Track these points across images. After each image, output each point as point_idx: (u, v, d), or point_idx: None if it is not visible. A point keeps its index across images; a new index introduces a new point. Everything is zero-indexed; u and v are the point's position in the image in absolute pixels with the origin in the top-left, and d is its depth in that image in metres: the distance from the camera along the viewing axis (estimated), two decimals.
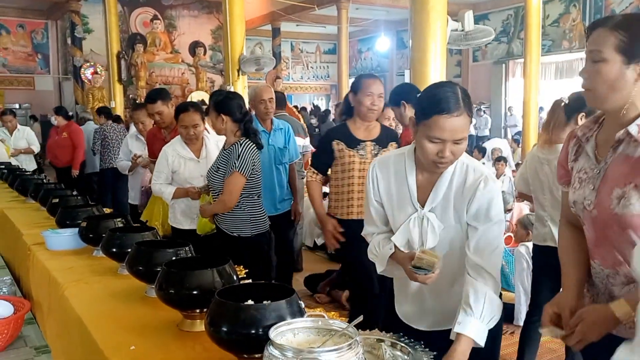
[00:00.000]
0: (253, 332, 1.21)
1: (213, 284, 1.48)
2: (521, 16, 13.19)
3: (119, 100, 11.14)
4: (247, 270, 1.92)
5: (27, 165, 6.65)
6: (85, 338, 1.54)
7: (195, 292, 1.48)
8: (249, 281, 1.68)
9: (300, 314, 1.28)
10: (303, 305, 1.32)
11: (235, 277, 1.57)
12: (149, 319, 1.60)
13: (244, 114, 3.00)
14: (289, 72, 20.25)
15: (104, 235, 2.13)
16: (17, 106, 14.88)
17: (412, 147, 1.74)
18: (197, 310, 1.52)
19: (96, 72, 12.49)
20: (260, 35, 17.57)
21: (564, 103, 2.82)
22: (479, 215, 1.65)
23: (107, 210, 3.06)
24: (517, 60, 14.38)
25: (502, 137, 12.88)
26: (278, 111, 5.40)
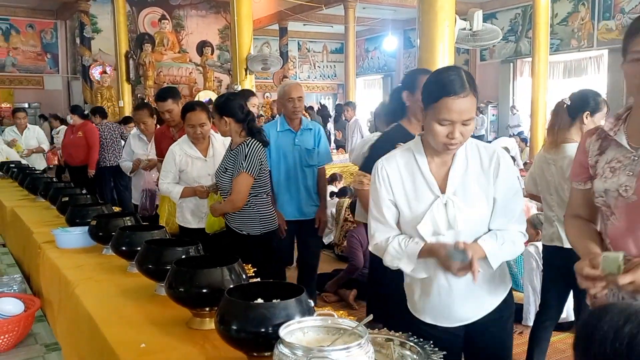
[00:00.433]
0: (263, 330, 1.22)
1: (222, 283, 1.49)
2: (529, 15, 13.12)
3: (127, 99, 11.20)
4: (256, 268, 1.93)
5: (37, 164, 6.69)
6: (95, 335, 1.55)
7: (204, 291, 1.48)
8: (258, 280, 1.69)
9: (310, 312, 1.29)
10: (312, 304, 1.32)
11: (244, 276, 1.58)
12: (159, 317, 1.61)
13: (246, 113, 3.02)
14: (296, 72, 20.25)
15: (113, 233, 2.15)
16: (26, 105, 14.97)
17: (418, 139, 1.81)
18: (207, 309, 1.53)
19: (104, 72, 12.55)
20: (268, 35, 17.59)
21: (566, 104, 2.82)
22: (505, 187, 1.75)
23: (116, 208, 3.07)
24: (525, 59, 14.31)
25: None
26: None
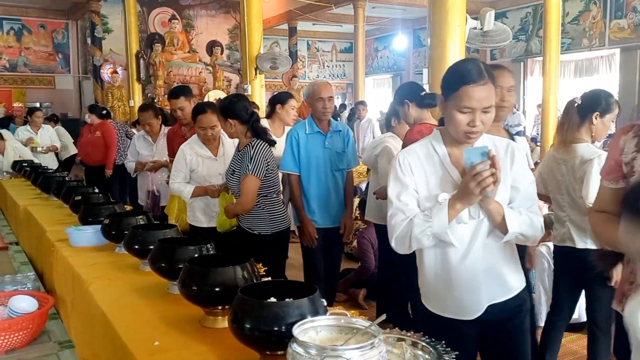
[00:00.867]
0: (276, 329, 1.22)
1: (235, 281, 1.49)
2: (540, 14, 13.05)
3: (137, 99, 11.25)
4: (267, 267, 1.94)
5: (50, 163, 6.73)
6: (109, 333, 1.56)
7: (217, 289, 1.49)
8: (269, 279, 1.69)
9: (323, 312, 1.29)
10: (325, 303, 1.32)
11: (256, 275, 1.58)
12: (172, 315, 1.62)
13: (251, 114, 3.04)
14: (305, 71, 20.26)
15: (126, 232, 2.16)
16: (37, 105, 15.10)
17: (437, 132, 1.86)
18: (219, 307, 1.54)
19: (115, 72, 12.63)
20: (277, 34, 17.63)
21: (576, 104, 2.80)
22: (522, 176, 1.83)
23: (128, 207, 3.10)
24: (535, 58, 14.22)
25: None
26: None
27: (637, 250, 1.19)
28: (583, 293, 2.95)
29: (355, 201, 5.48)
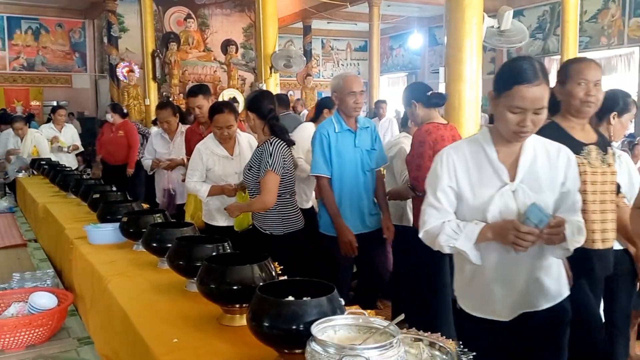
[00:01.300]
0: (294, 327, 1.22)
1: (253, 280, 1.50)
2: (557, 12, 12.91)
3: (153, 97, 11.32)
4: (282, 266, 1.94)
5: (70, 163, 6.77)
6: (129, 330, 1.58)
7: (235, 287, 1.50)
8: (285, 277, 1.70)
9: (341, 311, 1.29)
10: (343, 302, 1.32)
11: (274, 273, 1.59)
12: (190, 313, 1.63)
13: (269, 111, 3.07)
14: (320, 70, 20.27)
15: (143, 230, 2.18)
16: (54, 103, 15.28)
17: (485, 130, 1.86)
18: (237, 305, 1.54)
19: (131, 70, 12.73)
20: (292, 33, 17.63)
21: None
22: (573, 178, 1.83)
23: (145, 205, 3.12)
24: (553, 57, 14.07)
25: None
26: (282, 110, 5.39)
27: None
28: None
29: None
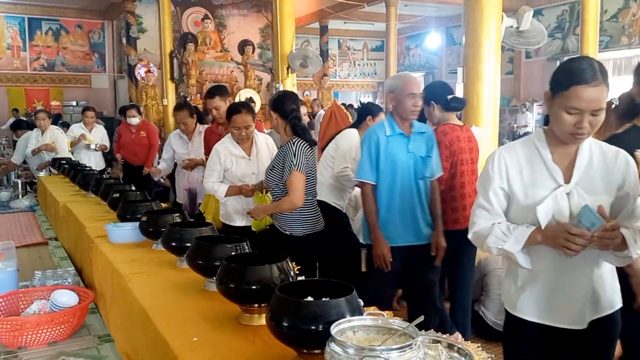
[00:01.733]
0: (313, 328, 1.23)
1: (272, 280, 1.51)
2: (577, 11, 12.76)
3: (170, 97, 11.42)
4: (300, 267, 1.95)
5: (98, 163, 6.79)
6: (149, 328, 1.60)
7: (254, 287, 1.50)
8: (302, 278, 1.70)
9: (360, 312, 1.29)
10: (362, 303, 1.33)
11: (292, 274, 1.60)
12: (209, 312, 1.64)
13: (290, 111, 3.08)
14: (336, 70, 20.26)
15: (162, 229, 2.20)
16: (74, 103, 15.50)
17: (540, 131, 1.84)
18: (256, 305, 1.55)
19: (149, 71, 12.85)
20: (308, 33, 17.66)
21: (614, 105, 2.74)
22: (631, 184, 1.78)
23: (164, 205, 3.15)
24: (572, 56, 13.92)
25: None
26: None
27: None
28: None
29: None
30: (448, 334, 1.52)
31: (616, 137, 2.32)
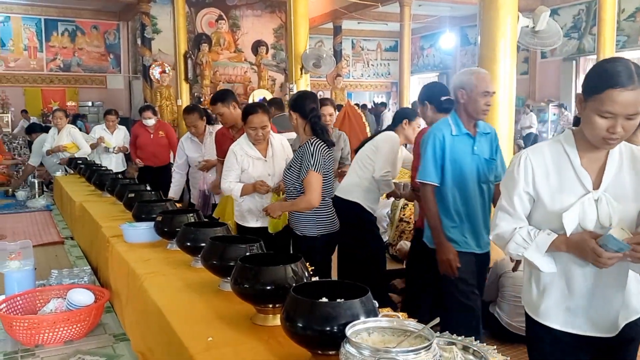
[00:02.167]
0: (327, 329, 1.23)
1: (286, 280, 1.51)
2: (594, 11, 12.63)
3: (185, 98, 11.50)
4: (314, 267, 1.95)
5: (118, 165, 6.81)
6: (164, 328, 1.60)
7: (269, 288, 1.50)
8: (316, 278, 1.70)
9: (375, 313, 1.29)
10: (377, 305, 1.32)
11: (307, 275, 1.60)
12: (224, 312, 1.64)
13: (310, 110, 3.09)
14: (350, 70, 20.26)
15: (177, 229, 2.21)
16: (90, 104, 15.68)
17: (568, 133, 1.77)
18: (270, 305, 1.55)
19: (164, 72, 12.96)
20: (322, 33, 17.69)
21: None
22: None
23: (178, 205, 3.17)
24: (588, 56, 13.80)
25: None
26: (277, 112, 5.37)
27: None
28: None
29: (402, 202, 5.44)
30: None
31: None
